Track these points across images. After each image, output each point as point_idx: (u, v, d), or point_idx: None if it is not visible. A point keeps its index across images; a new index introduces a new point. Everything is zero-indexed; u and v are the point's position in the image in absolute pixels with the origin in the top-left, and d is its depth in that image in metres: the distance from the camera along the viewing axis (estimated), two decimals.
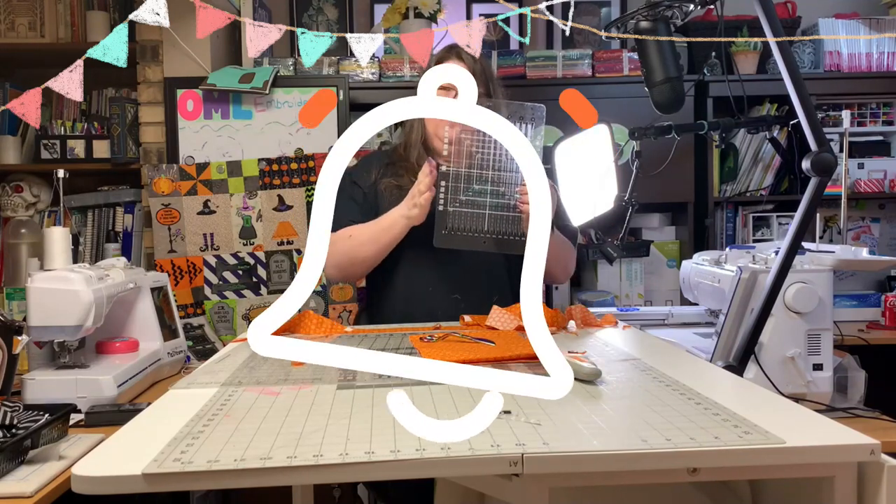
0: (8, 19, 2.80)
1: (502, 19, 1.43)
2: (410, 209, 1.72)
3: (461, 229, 1.68)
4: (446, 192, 1.68)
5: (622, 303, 2.86)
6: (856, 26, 2.96)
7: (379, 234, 1.79)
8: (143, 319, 1.97)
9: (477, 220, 1.68)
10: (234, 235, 2.65)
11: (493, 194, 1.69)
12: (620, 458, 0.80)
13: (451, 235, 1.69)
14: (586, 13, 3.34)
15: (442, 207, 1.68)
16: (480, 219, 1.68)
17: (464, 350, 1.29)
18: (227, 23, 1.39)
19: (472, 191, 1.68)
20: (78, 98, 1.39)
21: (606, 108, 2.75)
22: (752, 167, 2.95)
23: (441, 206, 1.68)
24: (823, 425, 0.89)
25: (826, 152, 1.51)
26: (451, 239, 1.69)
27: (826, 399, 1.59)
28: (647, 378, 1.13)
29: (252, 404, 1.03)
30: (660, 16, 1.86)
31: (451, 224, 1.68)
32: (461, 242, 1.69)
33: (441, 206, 1.68)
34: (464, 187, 1.68)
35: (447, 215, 1.68)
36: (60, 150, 2.78)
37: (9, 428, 1.25)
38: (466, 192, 1.68)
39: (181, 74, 2.67)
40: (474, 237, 1.69)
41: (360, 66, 2.81)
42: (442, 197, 1.68)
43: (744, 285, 1.60)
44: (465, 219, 1.67)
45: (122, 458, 0.84)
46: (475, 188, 1.68)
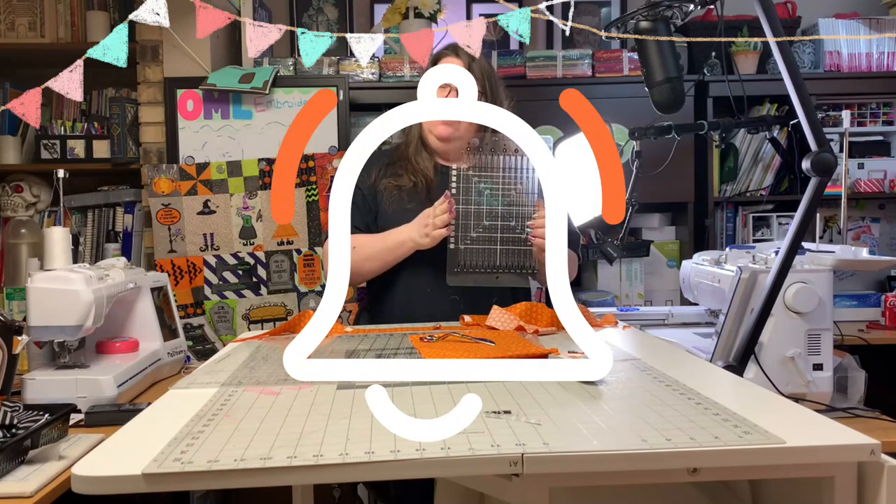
0: (8, 19, 2.80)
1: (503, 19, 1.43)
2: (422, 237, 1.71)
3: (473, 266, 1.70)
4: (457, 230, 1.69)
5: (622, 303, 2.86)
6: (856, 26, 2.96)
7: (384, 253, 1.79)
8: (143, 319, 1.96)
9: (488, 255, 1.69)
10: (234, 235, 2.65)
11: (503, 229, 1.70)
12: (620, 458, 0.80)
13: (463, 273, 1.71)
14: (586, 13, 3.34)
15: (453, 246, 1.69)
16: (492, 254, 1.70)
17: (464, 350, 1.29)
18: (227, 23, 1.39)
19: (482, 227, 1.69)
20: (78, 98, 1.39)
21: (606, 108, 2.75)
22: (752, 167, 2.95)
23: (452, 245, 1.69)
24: (823, 425, 0.89)
25: (826, 152, 1.51)
26: (463, 277, 1.71)
27: (826, 399, 1.59)
28: (647, 378, 1.13)
29: (252, 404, 1.03)
30: (660, 16, 1.86)
31: (464, 261, 1.70)
32: (474, 280, 1.72)
33: (452, 244, 1.69)
34: (474, 224, 1.69)
35: (459, 253, 1.69)
36: (60, 150, 2.78)
37: (9, 428, 1.25)
38: (477, 228, 1.69)
39: (181, 74, 2.67)
40: (486, 274, 1.71)
41: (360, 66, 2.81)
42: (453, 235, 1.69)
43: (744, 285, 1.60)
44: (476, 255, 1.69)
45: (122, 458, 0.84)
46: (486, 224, 1.69)
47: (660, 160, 2.65)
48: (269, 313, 2.67)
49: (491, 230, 1.69)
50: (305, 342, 0.97)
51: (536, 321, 1.60)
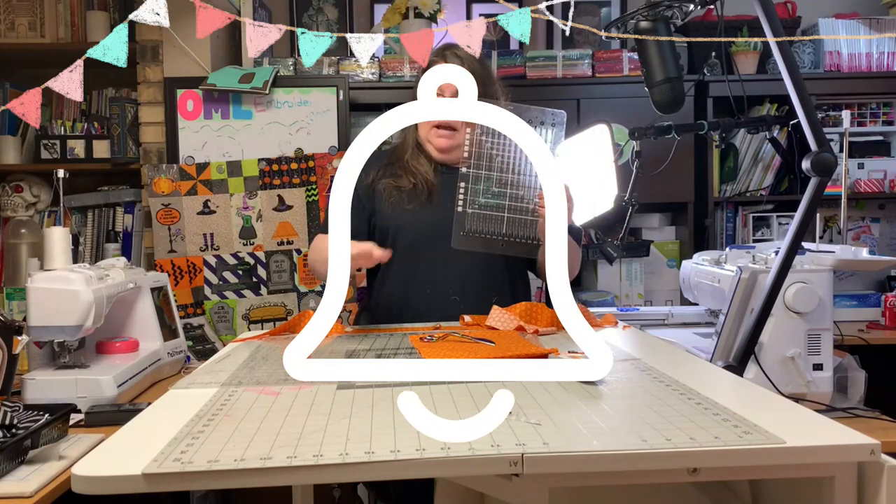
0: (8, 19, 2.80)
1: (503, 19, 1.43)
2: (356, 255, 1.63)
3: (479, 231, 1.69)
4: (465, 194, 1.68)
5: (622, 303, 2.86)
6: (856, 26, 2.96)
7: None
8: (143, 319, 1.96)
9: (495, 222, 1.69)
10: (234, 235, 2.65)
11: (511, 197, 1.69)
12: (620, 458, 0.80)
13: (469, 237, 1.70)
14: (586, 13, 3.34)
15: (461, 209, 1.69)
16: (499, 221, 1.69)
17: (464, 350, 1.29)
18: (227, 23, 1.39)
19: (491, 193, 1.68)
20: (78, 98, 1.39)
21: (606, 108, 2.75)
22: (752, 167, 2.95)
23: (460, 208, 1.68)
24: (823, 425, 0.89)
25: (826, 152, 1.51)
26: (469, 240, 1.70)
27: (826, 399, 1.59)
28: (647, 378, 1.13)
29: (252, 404, 1.03)
30: (660, 16, 1.86)
31: (470, 226, 1.69)
32: (479, 244, 1.70)
33: (460, 207, 1.68)
34: (483, 189, 1.68)
35: (466, 217, 1.69)
36: (60, 150, 2.78)
37: (9, 428, 1.25)
38: (485, 194, 1.68)
39: (181, 74, 2.67)
40: (492, 240, 1.70)
41: (360, 66, 2.81)
42: (461, 198, 1.68)
43: (744, 285, 1.60)
44: (483, 221, 1.68)
45: (122, 458, 0.84)
46: (494, 191, 1.68)
47: (660, 160, 2.65)
48: (269, 313, 2.68)
49: (499, 197, 1.69)
50: (305, 342, 0.97)
51: (536, 321, 1.60)
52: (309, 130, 2.69)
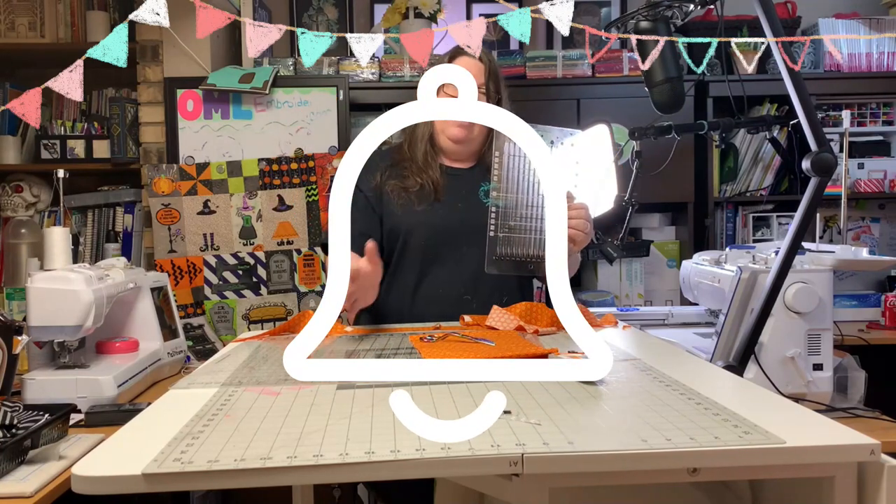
0: (8, 19, 2.80)
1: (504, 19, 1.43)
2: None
3: (510, 255, 1.70)
4: (497, 219, 1.70)
5: (622, 303, 2.86)
6: (856, 26, 2.96)
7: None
8: (143, 319, 1.97)
9: (524, 245, 1.70)
10: (234, 235, 2.65)
11: (540, 218, 1.70)
12: (620, 458, 0.80)
13: (500, 262, 1.71)
14: (586, 13, 3.34)
15: (493, 233, 1.70)
16: (527, 244, 1.70)
17: (464, 350, 1.29)
18: (227, 23, 1.38)
19: (519, 216, 1.69)
20: (78, 98, 1.39)
21: (606, 108, 2.75)
22: (752, 167, 2.95)
23: (492, 233, 1.70)
24: (823, 425, 0.89)
25: (826, 152, 1.51)
26: (500, 264, 1.72)
27: (826, 399, 1.59)
28: (647, 378, 1.13)
29: (252, 404, 1.03)
30: (660, 16, 1.86)
31: (501, 250, 1.70)
32: (510, 268, 1.73)
33: (492, 232, 1.70)
34: (512, 212, 1.69)
35: (497, 241, 1.70)
36: (60, 150, 2.78)
37: (9, 428, 1.25)
38: (515, 217, 1.69)
39: (181, 74, 2.67)
40: (522, 262, 1.71)
41: (360, 66, 2.81)
42: (493, 223, 1.69)
43: (744, 285, 1.60)
44: (513, 244, 1.70)
45: (122, 458, 0.84)
46: (523, 213, 1.69)
47: (660, 160, 2.65)
48: (269, 313, 2.68)
49: (528, 219, 1.70)
50: (305, 342, 0.97)
51: (536, 321, 1.60)
52: (309, 130, 2.69)
